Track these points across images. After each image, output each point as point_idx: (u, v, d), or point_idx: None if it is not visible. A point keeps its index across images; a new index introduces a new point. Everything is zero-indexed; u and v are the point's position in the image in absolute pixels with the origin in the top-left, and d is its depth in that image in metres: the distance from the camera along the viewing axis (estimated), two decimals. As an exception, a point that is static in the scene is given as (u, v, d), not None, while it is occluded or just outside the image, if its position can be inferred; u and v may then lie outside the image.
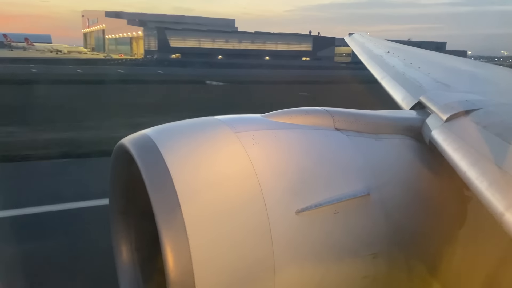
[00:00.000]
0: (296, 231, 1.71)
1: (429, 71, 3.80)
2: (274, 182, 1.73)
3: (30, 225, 7.22)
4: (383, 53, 5.80)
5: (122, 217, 2.16)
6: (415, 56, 5.62)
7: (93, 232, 5.93)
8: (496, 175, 1.57)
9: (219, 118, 1.97)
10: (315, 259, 1.75)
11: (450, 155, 1.84)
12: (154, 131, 1.87)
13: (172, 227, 1.55)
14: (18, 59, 68.99)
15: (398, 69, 4.37)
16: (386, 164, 2.02)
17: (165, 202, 1.58)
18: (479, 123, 1.94)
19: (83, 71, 49.73)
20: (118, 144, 1.90)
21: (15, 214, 7.59)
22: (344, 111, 2.17)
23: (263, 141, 1.83)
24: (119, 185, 2.08)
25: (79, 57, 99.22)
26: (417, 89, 3.20)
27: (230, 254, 1.62)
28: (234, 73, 54.84)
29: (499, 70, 4.67)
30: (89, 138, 14.02)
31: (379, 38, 9.05)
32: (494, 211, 1.46)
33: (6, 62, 56.42)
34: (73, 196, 8.39)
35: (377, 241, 1.85)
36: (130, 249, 2.18)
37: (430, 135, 2.09)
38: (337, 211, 1.77)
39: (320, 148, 1.93)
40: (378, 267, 1.86)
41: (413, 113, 2.50)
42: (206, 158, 1.74)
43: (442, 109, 2.20)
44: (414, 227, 1.95)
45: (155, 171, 1.65)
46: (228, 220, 1.63)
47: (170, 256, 1.53)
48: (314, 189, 1.78)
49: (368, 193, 1.84)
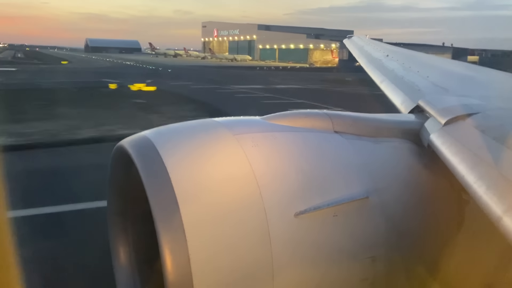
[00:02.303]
0: (295, 234, 1.71)
1: (428, 74, 3.82)
2: (273, 185, 1.73)
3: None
4: (382, 57, 5.81)
5: (120, 219, 2.15)
6: (414, 60, 5.63)
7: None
8: (494, 179, 1.58)
9: (218, 120, 1.97)
10: (314, 261, 1.75)
11: (449, 159, 1.85)
12: (153, 133, 1.87)
13: (171, 229, 1.55)
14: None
15: (397, 72, 4.39)
16: (385, 167, 2.03)
17: (163, 204, 1.58)
18: (478, 127, 1.95)
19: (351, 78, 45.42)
20: (117, 146, 1.90)
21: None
22: (343, 114, 2.17)
23: (262, 143, 1.83)
24: (117, 187, 2.08)
25: (272, 65, 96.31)
26: (416, 92, 3.21)
27: (229, 256, 1.62)
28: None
29: (497, 74, 4.67)
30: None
31: (378, 41, 9.07)
32: (492, 215, 1.46)
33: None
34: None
35: (375, 244, 1.85)
36: (128, 251, 2.17)
37: (429, 138, 2.09)
38: (336, 214, 1.77)
39: (319, 151, 1.94)
40: (376, 270, 1.86)
41: (412, 117, 2.51)
42: (205, 160, 1.74)
43: (440, 113, 2.20)
44: (412, 230, 1.95)
45: (154, 173, 1.65)
46: (227, 222, 1.63)
47: (169, 258, 1.53)
48: (313, 192, 1.78)
49: (367, 196, 1.84)
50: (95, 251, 4.53)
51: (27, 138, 12.20)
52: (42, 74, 39.26)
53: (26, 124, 14.03)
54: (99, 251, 3.16)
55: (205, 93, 26.95)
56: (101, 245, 2.65)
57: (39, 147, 11.56)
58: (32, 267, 1.97)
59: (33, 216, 6.84)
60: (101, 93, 24.42)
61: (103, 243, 2.39)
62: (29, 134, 12.72)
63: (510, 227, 1.38)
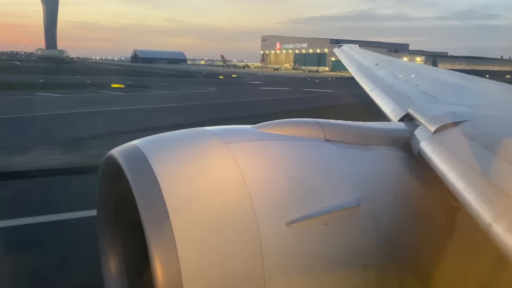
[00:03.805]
0: (287, 243, 1.70)
1: (417, 83, 3.86)
2: (264, 194, 1.72)
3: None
4: (372, 65, 5.87)
5: (110, 229, 2.13)
6: (403, 68, 5.69)
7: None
8: (483, 186, 1.59)
9: (209, 129, 1.97)
10: (306, 270, 1.74)
11: (438, 167, 1.86)
12: (144, 142, 1.85)
13: (161, 240, 1.53)
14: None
15: (387, 81, 4.43)
16: (376, 175, 2.03)
17: (154, 214, 1.56)
18: (467, 135, 1.97)
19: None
20: (107, 155, 1.88)
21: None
22: (334, 123, 2.18)
23: (253, 152, 1.83)
24: (107, 197, 2.05)
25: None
26: (406, 101, 3.24)
27: (220, 267, 1.60)
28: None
29: (485, 83, 4.74)
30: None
31: (368, 50, 9.17)
32: (482, 222, 1.47)
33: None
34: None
35: (367, 252, 1.85)
36: (118, 262, 2.14)
37: (419, 146, 2.10)
38: (327, 222, 1.77)
39: (310, 159, 1.94)
40: (368, 279, 1.85)
41: (401, 125, 2.52)
42: (196, 169, 1.73)
43: (430, 121, 2.22)
44: (403, 238, 1.96)
45: (145, 183, 1.63)
46: (218, 232, 1.62)
47: (159, 269, 1.51)
48: (304, 201, 1.78)
49: (358, 205, 1.84)
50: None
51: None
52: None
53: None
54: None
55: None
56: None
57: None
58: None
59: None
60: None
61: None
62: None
63: (500, 234, 1.38)
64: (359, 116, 3.25)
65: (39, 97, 28.75)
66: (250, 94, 39.49)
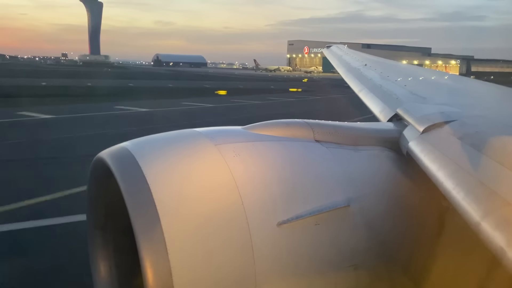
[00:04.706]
0: (278, 244, 1.70)
1: (406, 83, 3.89)
2: (255, 195, 1.72)
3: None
4: (360, 66, 5.91)
5: (100, 232, 2.10)
6: (392, 69, 5.74)
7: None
8: (471, 185, 1.61)
9: (199, 130, 1.96)
10: (297, 271, 1.74)
11: (427, 166, 1.87)
12: (133, 144, 1.84)
13: (152, 242, 1.52)
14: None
15: (376, 81, 4.46)
16: (365, 175, 2.04)
17: (144, 217, 1.55)
18: (455, 134, 1.99)
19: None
20: (96, 158, 1.86)
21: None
22: (323, 123, 2.19)
23: (243, 153, 1.83)
24: (96, 199, 2.03)
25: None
26: (394, 101, 3.27)
27: (211, 268, 1.60)
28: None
29: (472, 83, 4.80)
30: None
31: (356, 51, 9.22)
32: (471, 221, 1.49)
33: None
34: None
35: (357, 252, 1.85)
36: (109, 265, 2.12)
37: (407, 146, 2.12)
38: (317, 222, 1.77)
39: (300, 160, 1.94)
40: (359, 278, 1.86)
41: (390, 125, 2.54)
42: (186, 171, 1.72)
43: (418, 121, 2.24)
44: (393, 237, 1.97)
45: (134, 185, 1.62)
46: (209, 234, 1.61)
47: (150, 271, 1.50)
48: (295, 201, 1.78)
49: (348, 204, 1.85)
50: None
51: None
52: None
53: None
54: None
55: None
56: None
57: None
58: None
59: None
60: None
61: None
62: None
63: (489, 232, 1.40)
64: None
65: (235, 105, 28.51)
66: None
